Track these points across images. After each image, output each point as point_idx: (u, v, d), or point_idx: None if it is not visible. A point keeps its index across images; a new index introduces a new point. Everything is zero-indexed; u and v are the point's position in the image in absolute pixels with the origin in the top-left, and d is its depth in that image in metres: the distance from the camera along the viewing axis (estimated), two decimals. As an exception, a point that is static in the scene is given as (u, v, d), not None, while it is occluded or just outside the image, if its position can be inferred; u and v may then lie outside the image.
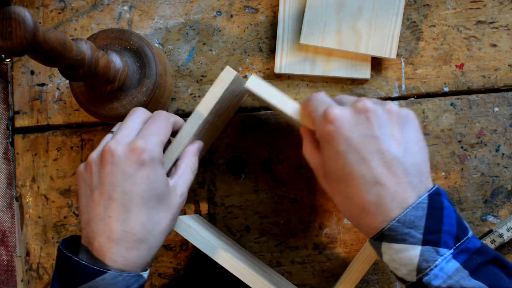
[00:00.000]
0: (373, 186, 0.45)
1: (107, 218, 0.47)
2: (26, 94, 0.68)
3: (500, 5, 0.66)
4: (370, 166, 0.45)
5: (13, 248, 0.68)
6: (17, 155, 0.67)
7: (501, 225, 0.63)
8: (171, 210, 0.49)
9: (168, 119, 0.51)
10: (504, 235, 0.62)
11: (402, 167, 0.45)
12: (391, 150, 0.45)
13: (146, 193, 0.47)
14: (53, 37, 0.46)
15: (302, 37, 0.64)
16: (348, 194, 0.46)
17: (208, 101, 0.53)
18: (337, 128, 0.46)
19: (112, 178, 0.47)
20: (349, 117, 0.46)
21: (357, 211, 0.46)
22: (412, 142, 0.47)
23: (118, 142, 0.48)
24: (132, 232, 0.47)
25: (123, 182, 0.47)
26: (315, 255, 0.66)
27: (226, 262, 0.54)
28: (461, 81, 0.66)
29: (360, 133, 0.46)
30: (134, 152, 0.47)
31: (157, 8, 0.68)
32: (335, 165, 0.47)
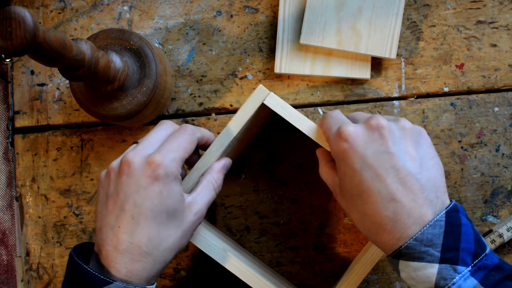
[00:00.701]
0: (389, 203, 0.45)
1: (116, 227, 0.47)
2: (26, 94, 0.68)
3: (500, 5, 0.66)
4: (385, 183, 0.45)
5: (13, 248, 0.68)
6: (17, 155, 0.67)
7: (501, 225, 0.63)
8: (182, 227, 0.49)
9: (193, 134, 0.51)
10: (504, 235, 0.62)
11: (418, 183, 0.45)
12: (407, 166, 0.45)
13: (156, 207, 0.47)
14: (53, 37, 0.46)
15: (302, 37, 0.64)
16: (365, 211, 0.46)
17: (239, 119, 0.54)
18: (351, 146, 0.47)
19: (127, 189, 0.47)
20: (363, 134, 0.47)
21: (374, 228, 0.46)
22: (427, 158, 0.47)
23: (137, 153, 0.48)
24: (138, 245, 0.47)
25: (136, 194, 0.47)
26: (315, 255, 0.66)
27: (226, 262, 0.54)
28: (461, 81, 0.66)
29: (374, 150, 0.46)
30: (149, 166, 0.47)
31: (157, 8, 0.68)
32: (351, 182, 0.47)
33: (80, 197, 0.67)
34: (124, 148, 0.67)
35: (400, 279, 0.65)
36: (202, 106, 0.67)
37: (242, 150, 0.66)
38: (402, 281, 0.65)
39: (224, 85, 0.67)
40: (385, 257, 0.64)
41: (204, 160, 0.54)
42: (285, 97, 0.66)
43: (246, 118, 0.54)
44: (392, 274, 0.65)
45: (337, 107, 0.66)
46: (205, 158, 0.55)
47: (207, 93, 0.67)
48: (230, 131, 0.54)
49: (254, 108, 0.54)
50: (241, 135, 0.57)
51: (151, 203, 0.47)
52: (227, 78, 0.67)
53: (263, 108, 0.56)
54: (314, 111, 0.66)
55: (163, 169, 0.47)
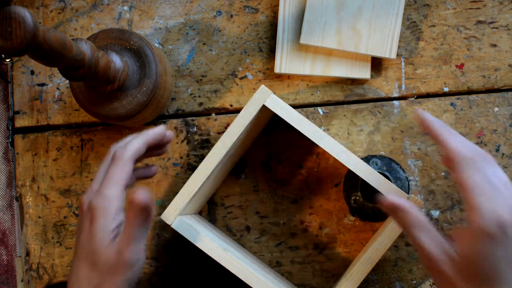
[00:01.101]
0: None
1: (72, 263, 0.50)
2: (26, 94, 0.68)
3: (500, 5, 0.66)
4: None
5: (13, 248, 0.68)
6: (17, 155, 0.67)
7: None
8: (110, 276, 0.46)
9: (124, 161, 0.49)
10: None
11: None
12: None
13: (85, 247, 0.47)
14: (53, 37, 0.46)
15: (302, 37, 0.64)
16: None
17: (242, 120, 0.55)
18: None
19: (78, 228, 0.49)
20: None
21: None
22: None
23: (86, 195, 0.49)
24: (77, 284, 0.47)
25: (79, 232, 0.48)
26: (315, 255, 0.66)
27: (226, 262, 0.54)
28: (461, 81, 0.66)
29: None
30: (89, 210, 0.48)
31: (157, 8, 0.68)
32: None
33: (80, 197, 0.67)
34: (124, 148, 0.67)
35: (400, 279, 0.65)
36: (202, 106, 0.67)
37: (245, 150, 0.66)
38: (402, 281, 0.65)
39: (224, 85, 0.67)
40: (385, 256, 0.65)
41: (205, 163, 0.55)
42: (285, 97, 0.66)
43: (249, 118, 0.54)
44: (392, 274, 0.65)
45: (337, 107, 0.66)
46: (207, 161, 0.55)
47: (207, 93, 0.67)
48: (233, 133, 0.54)
49: (257, 109, 0.54)
50: (244, 136, 0.57)
51: (89, 244, 0.47)
52: (227, 78, 0.67)
53: (264, 109, 0.56)
54: (314, 111, 0.66)
55: (98, 211, 0.47)
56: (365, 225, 0.65)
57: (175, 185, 0.66)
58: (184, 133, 0.67)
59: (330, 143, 0.55)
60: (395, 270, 0.65)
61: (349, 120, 0.66)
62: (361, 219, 0.65)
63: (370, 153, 0.65)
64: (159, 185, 0.66)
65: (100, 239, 0.46)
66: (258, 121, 0.60)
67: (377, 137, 0.66)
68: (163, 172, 0.66)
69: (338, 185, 0.66)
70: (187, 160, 0.66)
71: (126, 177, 0.49)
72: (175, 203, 0.56)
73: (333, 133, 0.66)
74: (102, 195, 0.47)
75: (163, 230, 0.66)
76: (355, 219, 0.65)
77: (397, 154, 0.65)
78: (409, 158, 0.65)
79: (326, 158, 0.66)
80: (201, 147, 0.66)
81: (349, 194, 0.64)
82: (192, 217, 0.60)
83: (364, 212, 0.63)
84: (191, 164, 0.66)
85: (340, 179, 0.66)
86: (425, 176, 0.65)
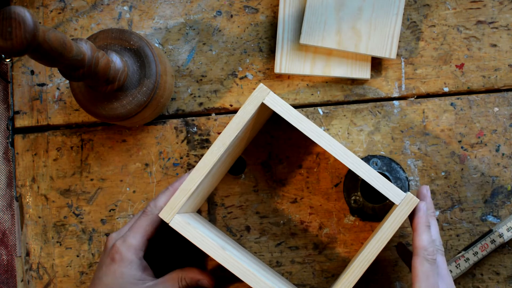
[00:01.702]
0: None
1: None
2: (26, 94, 0.68)
3: (500, 5, 0.66)
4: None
5: (13, 248, 0.68)
6: (17, 155, 0.67)
7: (501, 225, 0.63)
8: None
9: (151, 215, 0.58)
10: (504, 235, 0.62)
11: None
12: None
13: (109, 284, 0.56)
14: (53, 37, 0.46)
15: (302, 37, 0.64)
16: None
17: (241, 118, 0.55)
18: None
19: (99, 263, 0.59)
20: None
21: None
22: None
23: (114, 235, 0.59)
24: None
25: (99, 269, 0.58)
26: (315, 255, 0.66)
27: (226, 261, 0.54)
28: (461, 81, 0.66)
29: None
30: (112, 249, 0.57)
31: (157, 8, 0.68)
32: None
33: (80, 197, 0.67)
34: (124, 148, 0.67)
35: (400, 279, 0.65)
36: (202, 106, 0.67)
37: (243, 149, 0.66)
38: (402, 281, 0.65)
39: (224, 85, 0.67)
40: (385, 256, 0.65)
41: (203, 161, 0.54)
42: (285, 97, 0.66)
43: (247, 117, 0.54)
44: (392, 274, 0.65)
45: (337, 107, 0.66)
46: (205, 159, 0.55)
47: (207, 93, 0.67)
48: (232, 130, 0.54)
49: (255, 107, 0.54)
50: (242, 134, 0.57)
51: (105, 278, 0.57)
52: (227, 78, 0.67)
53: (263, 107, 0.56)
54: (314, 111, 0.66)
55: (119, 254, 0.57)
56: (365, 225, 0.65)
57: (175, 185, 0.66)
58: (184, 133, 0.67)
59: (329, 141, 0.55)
60: (395, 270, 0.65)
61: (349, 120, 0.66)
62: (361, 219, 0.65)
63: (370, 153, 0.65)
64: (159, 185, 0.66)
65: (127, 280, 0.56)
66: (257, 120, 0.60)
67: (377, 137, 0.66)
68: (163, 172, 0.66)
69: (338, 185, 0.66)
70: (187, 160, 0.66)
71: (150, 230, 0.58)
72: (173, 201, 0.56)
73: (333, 133, 0.66)
74: (125, 242, 0.57)
75: (163, 230, 0.66)
76: (355, 219, 0.65)
77: (397, 154, 0.65)
78: (409, 158, 0.65)
79: (326, 158, 0.66)
80: (201, 147, 0.66)
81: (349, 194, 0.64)
82: (191, 215, 0.60)
83: (364, 212, 0.63)
84: (191, 164, 0.66)
85: (340, 179, 0.66)
86: (425, 176, 0.65)
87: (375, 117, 0.66)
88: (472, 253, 0.63)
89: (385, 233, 0.55)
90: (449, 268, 0.63)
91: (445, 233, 0.65)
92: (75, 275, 0.66)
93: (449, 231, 0.65)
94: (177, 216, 0.56)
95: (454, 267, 0.63)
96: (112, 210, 0.67)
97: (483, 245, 0.63)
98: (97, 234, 0.66)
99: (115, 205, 0.67)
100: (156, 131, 0.67)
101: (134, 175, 0.67)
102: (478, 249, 0.63)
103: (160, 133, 0.67)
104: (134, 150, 0.67)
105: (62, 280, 0.66)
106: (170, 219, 0.55)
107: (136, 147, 0.67)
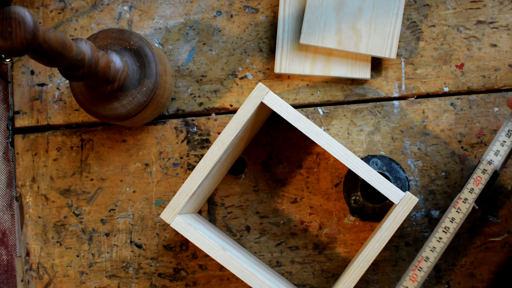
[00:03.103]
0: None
1: None
2: (26, 94, 0.68)
3: (500, 5, 0.66)
4: None
5: (13, 248, 0.68)
6: (17, 155, 0.67)
7: (487, 152, 0.59)
8: None
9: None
10: (493, 161, 0.58)
11: None
12: None
13: None
14: (53, 37, 0.46)
15: (302, 37, 0.64)
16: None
17: (240, 117, 0.55)
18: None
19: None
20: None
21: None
22: None
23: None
24: None
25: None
26: (315, 255, 0.66)
27: (226, 262, 0.54)
28: (461, 81, 0.66)
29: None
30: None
31: (157, 8, 0.68)
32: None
33: (80, 197, 0.67)
34: (124, 148, 0.67)
35: (400, 279, 0.65)
36: (202, 106, 0.67)
37: (243, 149, 0.66)
38: (402, 281, 0.65)
39: (224, 85, 0.67)
40: (385, 256, 0.65)
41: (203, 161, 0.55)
42: (285, 97, 0.66)
43: (247, 116, 0.54)
44: (392, 274, 0.65)
45: (337, 107, 0.66)
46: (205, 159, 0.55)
47: (207, 93, 0.67)
48: (231, 130, 0.54)
49: (254, 107, 0.54)
50: (242, 134, 0.58)
51: None
52: (227, 78, 0.67)
53: (262, 106, 0.56)
54: (314, 111, 0.66)
55: None
56: (365, 225, 0.65)
57: (175, 185, 0.66)
58: (184, 133, 0.67)
59: (328, 141, 0.55)
60: (395, 270, 0.65)
61: (349, 120, 0.66)
62: (361, 219, 0.65)
63: (370, 153, 0.66)
64: (159, 185, 0.66)
65: None
66: (257, 119, 0.60)
67: (377, 137, 0.66)
68: (163, 172, 0.66)
69: (338, 185, 0.66)
70: (187, 160, 0.66)
71: None
72: (174, 202, 0.56)
73: (333, 133, 0.66)
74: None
75: (163, 230, 0.66)
76: (355, 219, 0.65)
77: (397, 154, 0.65)
78: (409, 158, 0.65)
79: (326, 158, 0.66)
80: (201, 147, 0.66)
81: (349, 194, 0.64)
82: (191, 216, 0.60)
83: (364, 212, 0.63)
84: (191, 164, 0.66)
85: (340, 179, 0.66)
86: (425, 176, 0.65)
87: (375, 117, 0.66)
88: (468, 191, 0.58)
89: (385, 233, 0.55)
90: (450, 215, 0.58)
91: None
92: (75, 275, 0.66)
93: (449, 231, 0.65)
94: (178, 217, 0.56)
95: (455, 213, 0.58)
96: (112, 210, 0.67)
97: (476, 179, 0.58)
98: (97, 234, 0.67)
99: (115, 205, 0.67)
100: (156, 131, 0.67)
101: (134, 175, 0.67)
102: (473, 185, 0.58)
103: (160, 133, 0.67)
104: (134, 150, 0.67)
105: (62, 280, 0.66)
106: (171, 220, 0.56)
107: (136, 147, 0.67)
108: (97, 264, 0.66)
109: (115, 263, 0.66)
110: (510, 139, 0.58)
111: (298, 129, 0.55)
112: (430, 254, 0.56)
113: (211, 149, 0.55)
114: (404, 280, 0.56)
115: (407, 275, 0.56)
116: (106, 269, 0.66)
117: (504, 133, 0.58)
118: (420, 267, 0.56)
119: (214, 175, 0.60)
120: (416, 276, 0.56)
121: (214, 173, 0.58)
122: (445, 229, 0.57)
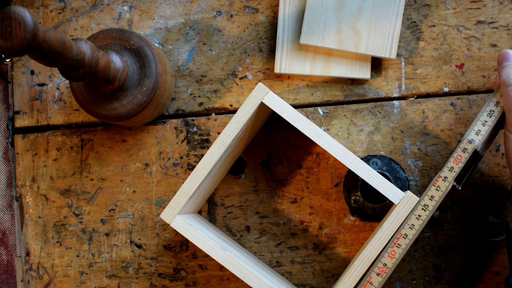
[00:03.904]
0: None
1: None
2: (26, 94, 0.68)
3: (500, 5, 0.66)
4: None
5: (13, 248, 0.68)
6: (17, 155, 0.67)
7: (469, 131, 0.58)
8: None
9: None
10: (474, 140, 0.58)
11: None
12: None
13: None
14: (53, 37, 0.46)
15: (302, 37, 0.64)
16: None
17: (240, 118, 0.55)
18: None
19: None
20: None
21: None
22: None
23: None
24: None
25: None
26: (315, 255, 0.66)
27: (226, 261, 0.54)
28: (461, 81, 0.66)
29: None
30: None
31: (157, 8, 0.68)
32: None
33: (80, 197, 0.67)
34: (124, 148, 0.67)
35: (400, 279, 0.65)
36: (202, 106, 0.67)
37: (243, 149, 0.66)
38: (402, 281, 0.65)
39: (224, 85, 0.67)
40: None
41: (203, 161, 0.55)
42: (285, 97, 0.66)
43: (247, 116, 0.54)
44: (392, 274, 0.65)
45: (337, 107, 0.66)
46: (205, 159, 0.55)
47: (207, 93, 0.67)
48: (231, 130, 0.54)
49: (254, 107, 0.54)
50: (242, 134, 0.58)
51: None
52: (227, 78, 0.67)
53: (262, 106, 0.56)
54: (314, 111, 0.66)
55: None
56: (365, 225, 0.65)
57: (175, 185, 0.66)
58: (184, 133, 0.67)
59: (328, 140, 0.55)
60: (395, 270, 0.65)
61: (349, 120, 0.66)
62: (361, 219, 0.65)
63: (370, 153, 0.66)
64: (159, 185, 0.66)
65: None
66: (257, 119, 0.60)
67: (377, 137, 0.66)
68: (163, 172, 0.66)
69: (338, 185, 0.66)
70: (187, 160, 0.66)
71: None
72: (174, 202, 0.56)
73: (333, 133, 0.66)
74: None
75: (163, 230, 0.66)
76: (355, 219, 0.65)
77: (397, 154, 0.65)
78: (409, 158, 0.65)
79: (326, 158, 0.66)
80: (201, 147, 0.66)
81: (349, 194, 0.64)
82: (191, 216, 0.60)
83: (364, 212, 0.63)
84: (191, 164, 0.66)
85: (340, 179, 0.66)
86: (425, 176, 0.65)
87: (375, 117, 0.66)
88: (448, 169, 0.58)
89: (385, 233, 0.55)
90: (430, 193, 0.58)
91: (445, 233, 0.65)
92: (75, 275, 0.66)
93: (449, 231, 0.65)
94: (178, 217, 0.56)
95: (434, 191, 0.58)
96: (112, 210, 0.67)
97: (456, 157, 0.58)
98: (97, 234, 0.67)
99: (115, 205, 0.67)
100: (156, 131, 0.67)
101: (134, 175, 0.67)
102: (453, 164, 0.58)
103: (160, 133, 0.67)
104: (134, 150, 0.67)
105: (62, 280, 0.66)
106: (171, 220, 0.56)
107: (136, 147, 0.67)
108: (97, 264, 0.66)
109: (115, 263, 0.66)
110: (491, 119, 0.58)
111: (298, 129, 0.55)
112: (408, 232, 0.56)
113: (211, 149, 0.55)
114: (382, 256, 0.56)
115: (386, 252, 0.56)
116: (106, 269, 0.66)
117: (485, 113, 0.58)
118: (399, 244, 0.56)
119: (214, 175, 0.60)
120: (395, 252, 0.56)
121: (214, 173, 0.58)
122: (424, 206, 0.57)
